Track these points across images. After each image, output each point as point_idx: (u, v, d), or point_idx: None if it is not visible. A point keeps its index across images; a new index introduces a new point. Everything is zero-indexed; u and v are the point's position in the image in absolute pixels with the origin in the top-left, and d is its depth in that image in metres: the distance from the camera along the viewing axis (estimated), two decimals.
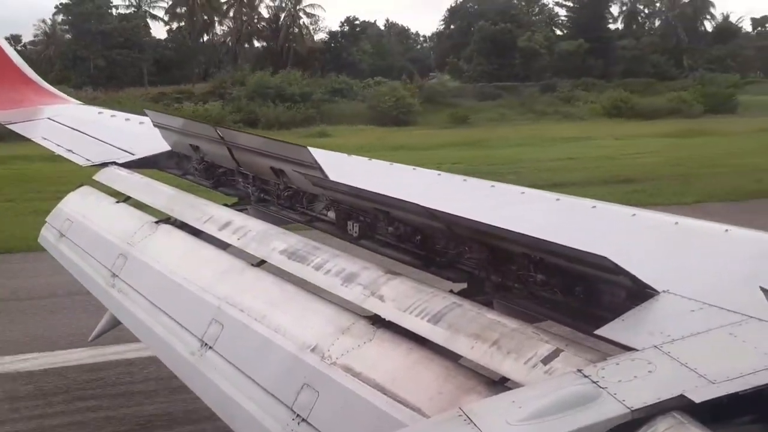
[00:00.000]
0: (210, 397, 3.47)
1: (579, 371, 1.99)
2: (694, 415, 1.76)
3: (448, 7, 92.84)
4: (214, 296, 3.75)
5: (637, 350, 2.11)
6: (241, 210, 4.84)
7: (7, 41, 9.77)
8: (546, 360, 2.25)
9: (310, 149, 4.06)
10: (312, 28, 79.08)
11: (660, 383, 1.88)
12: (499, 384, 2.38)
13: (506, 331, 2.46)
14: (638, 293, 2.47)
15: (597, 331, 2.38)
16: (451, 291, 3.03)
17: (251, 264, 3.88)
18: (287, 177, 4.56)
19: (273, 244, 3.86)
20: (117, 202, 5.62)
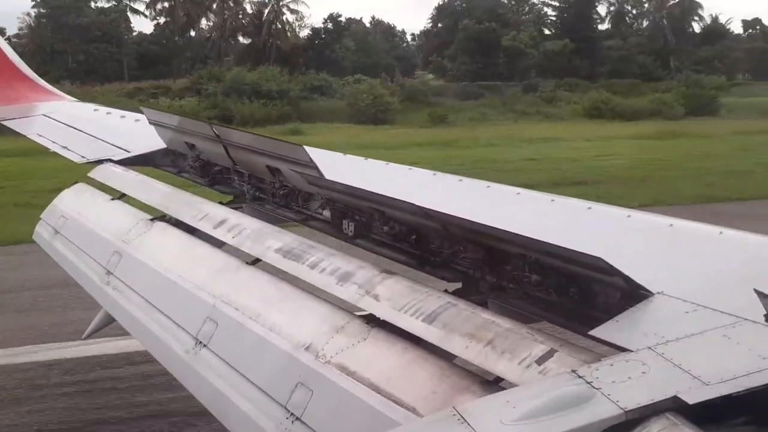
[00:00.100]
0: (204, 396, 3.46)
1: (573, 372, 1.99)
2: (688, 417, 1.77)
3: (436, 5, 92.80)
4: (209, 294, 3.74)
5: (632, 351, 2.11)
6: (237, 208, 4.83)
7: None
8: (540, 360, 2.25)
9: (306, 148, 4.05)
10: (297, 25, 78.84)
11: (654, 384, 1.88)
12: (494, 384, 2.38)
13: (501, 331, 2.46)
14: (632, 294, 2.48)
15: (591, 332, 2.39)
16: (446, 291, 3.03)
17: (246, 262, 3.88)
18: (283, 175, 4.55)
19: (268, 243, 3.85)
20: (112, 200, 5.60)
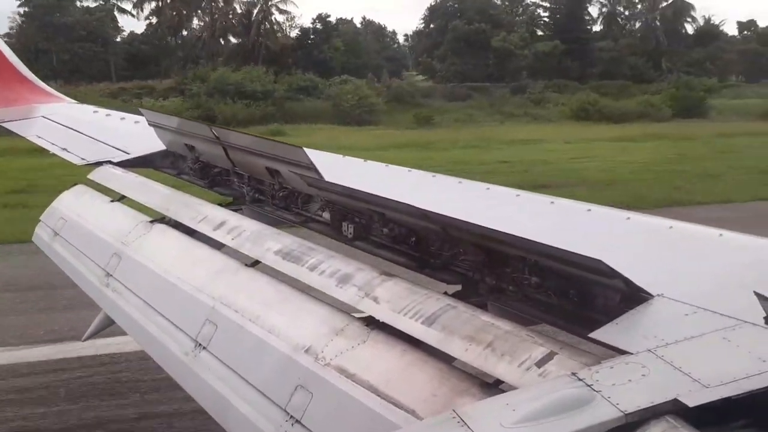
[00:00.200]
0: (203, 398, 3.46)
1: (573, 374, 1.99)
2: (688, 420, 1.77)
3: (428, 6, 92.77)
4: (209, 296, 3.74)
5: (632, 354, 2.11)
6: (236, 210, 4.83)
7: None
8: (540, 363, 2.25)
9: (306, 150, 4.05)
10: (288, 25, 78.58)
11: (654, 387, 1.88)
12: (493, 386, 2.38)
13: (500, 334, 2.46)
14: (632, 297, 2.47)
15: (591, 335, 2.38)
16: (446, 293, 3.03)
17: (245, 264, 3.87)
18: (282, 177, 4.55)
19: (267, 245, 3.85)
20: (111, 201, 5.60)
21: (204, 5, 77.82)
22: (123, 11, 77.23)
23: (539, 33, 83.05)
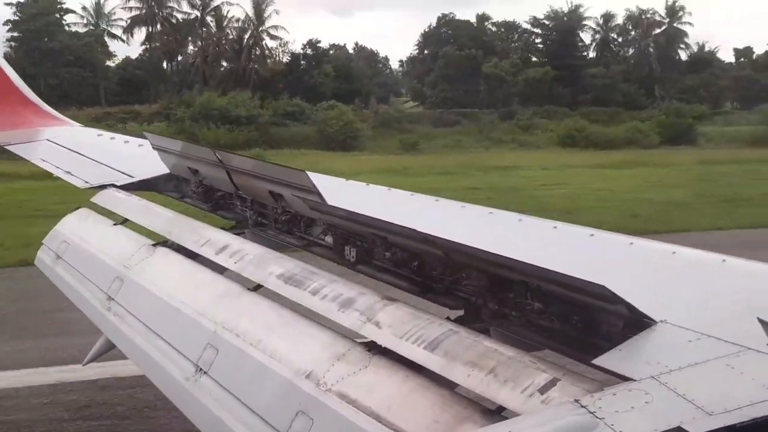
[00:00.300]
0: (204, 424, 3.44)
1: (576, 401, 1.98)
2: None
3: (422, 32, 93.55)
4: (210, 320, 3.73)
5: (635, 380, 2.09)
6: (239, 234, 4.83)
7: None
8: (543, 389, 2.23)
9: (309, 174, 4.06)
10: (281, 51, 79.03)
11: (657, 414, 1.87)
12: (496, 413, 2.36)
13: (503, 360, 2.44)
14: (636, 323, 2.46)
15: (594, 361, 2.37)
16: (448, 318, 3.02)
17: (248, 288, 3.87)
18: (285, 201, 4.56)
19: (270, 269, 3.84)
20: (114, 225, 5.60)
21: (196, 31, 78.52)
22: (114, 36, 78.27)
23: (534, 59, 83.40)
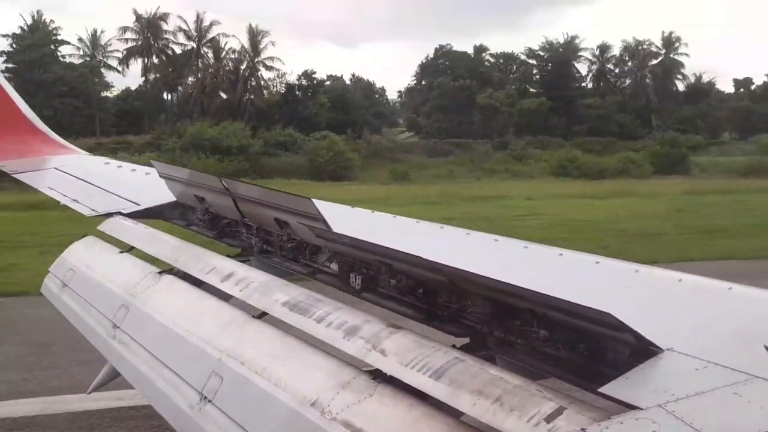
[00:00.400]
0: None
1: (583, 430, 1.96)
2: None
3: (420, 63, 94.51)
4: (215, 348, 3.72)
5: (642, 409, 2.08)
6: (244, 261, 4.84)
7: None
8: (549, 418, 2.22)
9: (315, 201, 4.08)
10: (278, 81, 79.74)
11: None
12: None
13: (509, 388, 2.43)
14: (642, 351, 2.45)
15: (601, 389, 2.35)
16: (454, 346, 3.01)
17: (253, 316, 3.86)
18: (291, 228, 4.57)
19: (275, 296, 3.84)
20: (120, 252, 5.62)
21: (193, 62, 79.35)
22: (110, 68, 79.19)
23: (532, 90, 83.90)
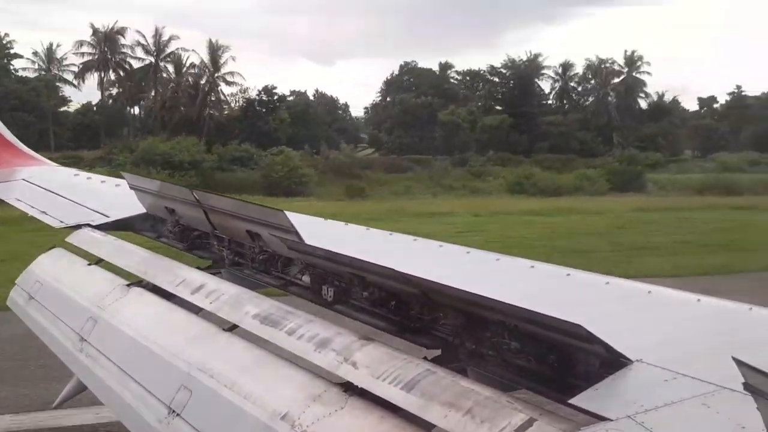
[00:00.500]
0: None
1: None
2: None
3: (385, 79, 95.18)
4: (184, 361, 3.67)
5: (611, 420, 2.09)
6: (215, 273, 4.79)
7: None
8: (520, 429, 2.22)
9: (287, 213, 4.06)
10: (240, 96, 79.63)
11: None
12: None
13: (480, 400, 2.42)
14: (612, 362, 2.46)
15: (571, 401, 2.36)
16: (425, 358, 3.00)
17: (223, 328, 3.82)
18: (263, 240, 4.54)
19: (246, 308, 3.80)
20: (89, 265, 5.53)
21: (152, 77, 78.98)
22: (66, 82, 78.53)
23: (498, 108, 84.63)
